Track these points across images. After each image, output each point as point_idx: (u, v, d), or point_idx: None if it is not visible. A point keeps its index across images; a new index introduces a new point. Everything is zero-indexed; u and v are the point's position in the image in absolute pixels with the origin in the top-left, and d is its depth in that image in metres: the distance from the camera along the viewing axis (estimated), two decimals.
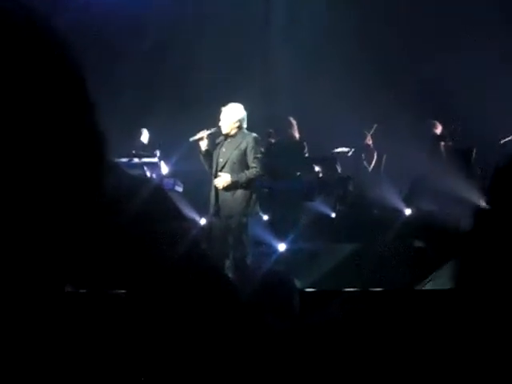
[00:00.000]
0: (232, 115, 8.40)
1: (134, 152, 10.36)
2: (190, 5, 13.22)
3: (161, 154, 10.63)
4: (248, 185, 8.34)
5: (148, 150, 10.63)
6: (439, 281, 7.61)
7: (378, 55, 12.32)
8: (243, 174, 8.28)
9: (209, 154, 8.45)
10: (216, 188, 8.35)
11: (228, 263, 8.22)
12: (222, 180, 8.26)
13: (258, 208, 8.67)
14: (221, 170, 8.33)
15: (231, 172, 8.29)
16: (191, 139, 8.55)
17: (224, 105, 8.49)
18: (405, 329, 0.70)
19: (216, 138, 8.55)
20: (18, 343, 0.81)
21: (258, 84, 12.64)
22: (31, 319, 0.82)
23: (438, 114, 10.98)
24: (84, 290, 0.94)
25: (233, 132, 8.40)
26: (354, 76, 11.77)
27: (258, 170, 8.36)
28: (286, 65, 12.88)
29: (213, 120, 8.62)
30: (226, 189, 8.28)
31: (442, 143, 10.46)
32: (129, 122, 11.45)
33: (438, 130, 10.78)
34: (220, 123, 8.41)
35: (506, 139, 10.73)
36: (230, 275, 7.97)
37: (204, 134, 8.42)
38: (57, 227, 0.81)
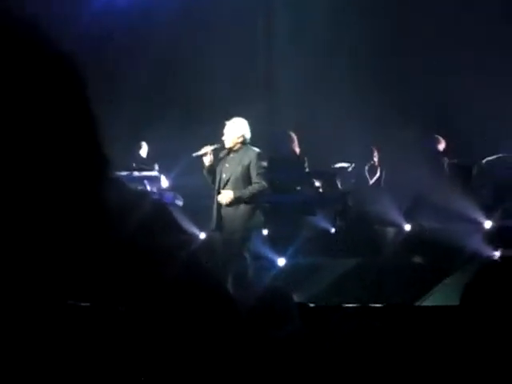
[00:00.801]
0: (236, 130, 8.38)
1: (134, 165, 10.37)
2: (192, 20, 13.25)
3: (160, 167, 10.64)
4: (251, 200, 8.32)
5: (147, 164, 10.65)
6: (439, 297, 7.60)
7: (379, 71, 12.34)
8: (246, 190, 8.26)
9: (212, 169, 8.42)
10: (218, 203, 8.33)
11: (229, 278, 8.20)
12: (226, 197, 8.24)
13: (261, 222, 8.65)
14: (225, 186, 8.31)
15: (235, 187, 8.28)
16: (194, 154, 8.50)
17: (227, 119, 8.47)
18: (404, 344, 0.70)
19: (219, 153, 8.53)
20: (18, 353, 0.82)
21: (260, 99, 12.65)
22: (31, 331, 0.82)
23: (439, 130, 10.99)
24: (85, 304, 0.94)
25: (236, 147, 8.38)
26: (355, 92, 11.79)
27: (261, 185, 8.33)
28: (287, 80, 12.90)
29: (214, 135, 8.62)
30: (229, 204, 8.27)
31: (446, 159, 10.47)
32: (130, 136, 11.48)
33: (442, 145, 10.78)
34: (223, 137, 8.40)
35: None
36: (230, 290, 7.97)
37: (208, 149, 8.38)
38: (58, 240, 0.81)
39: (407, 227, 9.87)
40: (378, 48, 12.42)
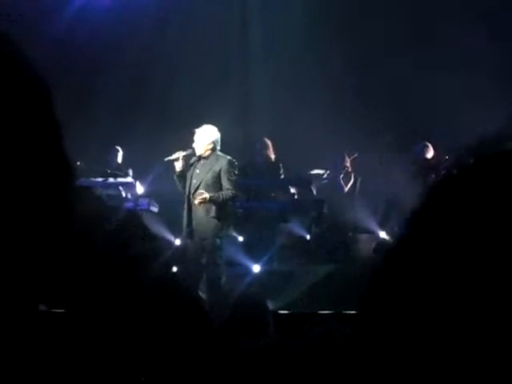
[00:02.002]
0: (206, 137, 8.42)
1: (108, 171, 10.32)
2: (166, 28, 13.24)
3: (134, 173, 10.60)
4: (222, 206, 8.33)
5: (122, 170, 10.60)
6: None
7: (355, 77, 12.38)
8: (220, 194, 8.29)
9: (183, 174, 8.45)
10: (190, 209, 8.35)
11: (202, 285, 8.19)
12: (200, 196, 8.25)
13: (231, 230, 8.68)
14: (194, 192, 8.33)
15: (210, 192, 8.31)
16: (166, 159, 8.57)
17: (198, 126, 8.51)
18: (377, 350, 0.70)
19: (190, 159, 8.56)
20: None
21: (235, 105, 12.66)
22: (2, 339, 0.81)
23: (417, 138, 11.02)
24: (56, 310, 0.92)
25: (207, 153, 8.43)
26: (331, 97, 11.82)
27: (232, 192, 8.37)
28: (262, 86, 12.91)
29: (189, 141, 8.63)
30: (201, 212, 8.27)
31: (434, 172, 10.37)
32: (104, 142, 11.43)
33: (430, 153, 10.71)
34: (194, 145, 8.43)
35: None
36: (204, 297, 7.97)
37: (180, 154, 8.44)
38: (26, 250, 0.79)
39: (382, 234, 9.90)
40: (353, 54, 12.46)
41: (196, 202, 8.28)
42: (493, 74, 10.97)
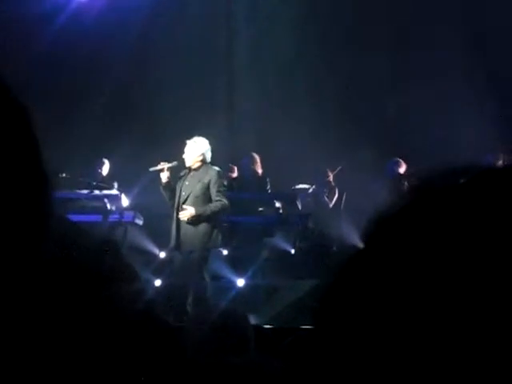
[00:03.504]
0: (196, 149, 8.41)
1: (94, 183, 10.29)
2: (154, 40, 13.26)
3: (119, 185, 10.58)
4: (211, 218, 8.31)
5: (107, 182, 10.57)
6: None
7: (341, 93, 12.44)
8: (208, 207, 8.26)
9: (169, 186, 8.44)
10: (177, 221, 8.32)
11: (187, 298, 8.17)
12: (187, 213, 8.23)
13: (219, 242, 8.64)
14: (183, 203, 8.31)
15: (193, 205, 8.27)
16: (151, 169, 8.57)
17: (188, 138, 8.50)
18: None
19: (179, 171, 8.55)
20: None
21: (222, 119, 12.68)
22: None
23: (399, 152, 11.08)
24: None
25: (196, 165, 8.41)
26: (317, 113, 11.87)
27: (223, 202, 8.33)
28: (249, 100, 12.95)
29: (175, 153, 8.64)
30: (189, 222, 8.25)
31: (406, 183, 10.49)
32: (90, 153, 11.41)
33: (402, 168, 10.84)
34: (184, 156, 8.42)
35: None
36: (189, 311, 7.94)
37: (164, 165, 8.43)
38: None
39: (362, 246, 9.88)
40: (338, 69, 12.52)
41: (181, 217, 8.25)
42: (465, 88, 11.09)
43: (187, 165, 8.41)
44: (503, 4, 12.19)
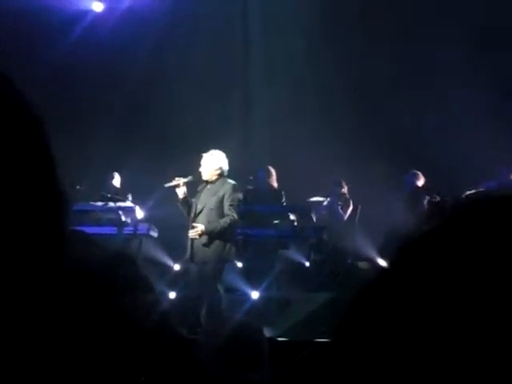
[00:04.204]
0: (213, 162, 8.38)
1: (109, 196, 10.31)
2: (168, 51, 13.30)
3: (134, 198, 10.60)
4: (222, 233, 8.29)
5: (121, 194, 10.59)
6: None
7: (356, 105, 12.43)
8: (217, 224, 8.22)
9: (186, 201, 8.41)
10: None
11: (202, 310, 8.16)
12: (195, 231, 8.22)
13: (234, 255, 8.62)
14: (198, 216, 8.30)
15: (208, 217, 8.26)
16: (166, 185, 8.51)
17: (204, 151, 8.48)
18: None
19: (195, 186, 8.53)
20: None
21: (236, 131, 12.70)
22: None
23: (413, 165, 11.06)
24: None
25: (213, 178, 8.38)
26: (331, 125, 11.86)
27: (232, 218, 8.30)
28: (263, 113, 12.97)
29: (190, 165, 8.63)
30: (203, 236, 8.24)
31: (427, 197, 10.44)
32: (105, 166, 11.44)
33: (421, 181, 10.83)
34: (200, 169, 8.39)
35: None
36: (203, 323, 7.92)
37: (180, 181, 8.38)
38: (8, 299, 0.76)
39: (381, 262, 9.87)
40: (352, 81, 12.52)
41: (190, 235, 8.23)
42: (481, 100, 11.08)
43: (204, 178, 8.38)
44: None
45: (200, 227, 8.18)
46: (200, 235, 8.19)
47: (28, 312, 0.78)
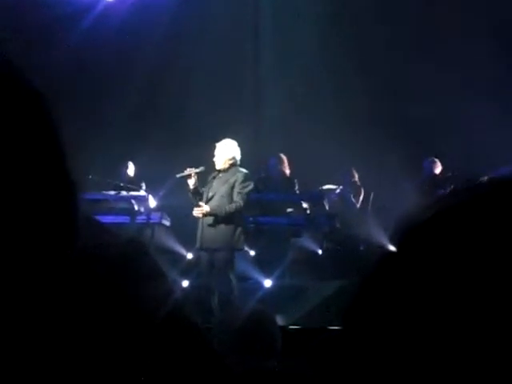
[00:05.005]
0: (227, 151, 8.41)
1: (121, 185, 10.33)
2: (180, 43, 13.29)
3: (146, 187, 10.62)
4: (229, 219, 8.29)
5: (134, 183, 10.61)
6: None
7: (368, 94, 12.39)
8: (223, 208, 8.26)
9: (197, 191, 8.43)
10: (203, 222, 8.33)
11: (214, 299, 8.18)
12: (201, 210, 8.24)
13: (243, 243, 8.63)
14: (208, 202, 8.33)
15: (218, 204, 8.29)
16: (178, 176, 8.52)
17: (216, 140, 8.50)
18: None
19: (206, 176, 8.55)
20: None
21: (249, 120, 12.69)
22: None
23: (426, 154, 11.03)
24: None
25: (226, 167, 8.42)
26: (344, 113, 11.84)
27: (238, 204, 8.31)
28: (276, 101, 12.94)
29: (202, 154, 8.64)
30: (210, 222, 8.26)
31: (441, 187, 10.38)
32: (118, 154, 11.46)
33: (438, 169, 10.79)
34: (214, 159, 8.42)
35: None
36: (215, 310, 7.95)
37: (191, 171, 8.40)
38: (21, 286, 0.76)
39: (394, 249, 9.84)
40: (365, 71, 12.47)
41: (195, 214, 8.27)
42: (498, 97, 11.02)
43: (217, 167, 8.41)
44: None
45: (205, 207, 8.21)
46: (204, 215, 8.22)
47: (38, 300, 0.78)
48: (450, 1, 12.48)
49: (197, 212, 8.27)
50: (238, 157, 8.46)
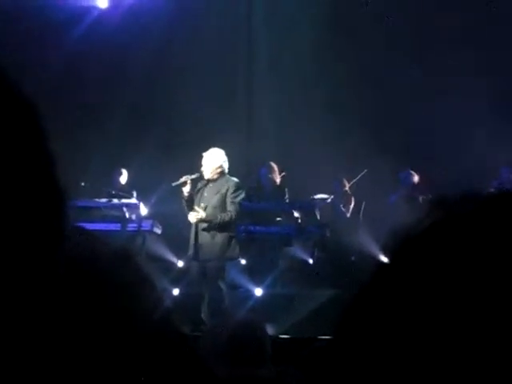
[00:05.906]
0: (214, 160, 8.41)
1: (113, 192, 10.32)
2: (173, 49, 13.28)
3: (138, 194, 10.61)
4: (224, 228, 8.30)
5: (126, 191, 10.59)
6: None
7: (361, 101, 12.39)
8: (218, 216, 8.27)
9: (191, 198, 8.43)
10: (196, 231, 8.33)
11: (204, 307, 8.18)
12: (196, 215, 8.24)
13: (238, 253, 8.64)
14: None
15: (211, 216, 8.29)
16: (174, 184, 8.51)
17: (206, 150, 8.50)
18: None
19: (197, 183, 8.55)
20: None
21: (241, 127, 12.69)
22: None
23: (417, 162, 11.05)
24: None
25: (215, 177, 8.42)
26: (336, 122, 11.84)
27: (232, 214, 8.33)
28: (268, 108, 12.94)
29: (194, 163, 8.64)
30: (205, 232, 8.27)
31: (421, 196, 10.45)
32: (110, 162, 11.44)
33: (416, 178, 10.85)
34: (202, 169, 8.42)
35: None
36: (205, 319, 7.94)
37: (187, 178, 8.40)
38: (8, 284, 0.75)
39: (385, 259, 9.84)
40: (359, 77, 12.47)
41: (190, 219, 8.28)
42: (491, 101, 11.05)
43: (206, 177, 8.41)
44: None
45: (201, 213, 8.22)
46: (200, 221, 8.22)
47: (27, 310, 0.78)
48: (447, 4, 12.49)
49: (193, 217, 8.27)
50: (226, 165, 8.46)
